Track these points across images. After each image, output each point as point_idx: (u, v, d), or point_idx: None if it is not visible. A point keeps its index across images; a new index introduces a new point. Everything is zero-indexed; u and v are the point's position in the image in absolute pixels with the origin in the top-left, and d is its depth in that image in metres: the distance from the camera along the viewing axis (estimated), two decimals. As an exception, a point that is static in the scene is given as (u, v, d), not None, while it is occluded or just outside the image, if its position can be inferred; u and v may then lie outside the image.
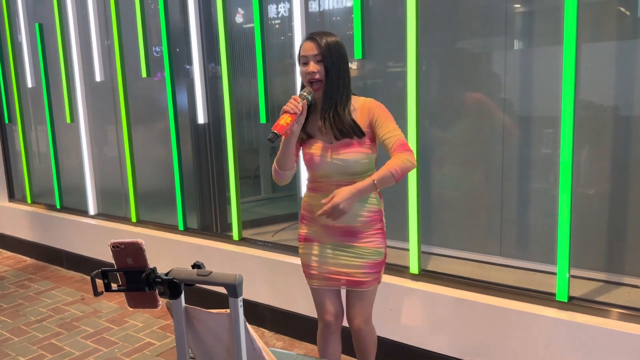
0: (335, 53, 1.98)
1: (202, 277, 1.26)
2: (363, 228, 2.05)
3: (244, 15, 4.18)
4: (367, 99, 2.05)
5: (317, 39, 1.97)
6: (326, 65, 1.96)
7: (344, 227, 2.04)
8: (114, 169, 4.62)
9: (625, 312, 2.25)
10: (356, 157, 1.98)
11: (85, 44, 4.51)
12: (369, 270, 2.06)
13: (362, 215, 2.04)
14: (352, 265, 2.05)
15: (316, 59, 1.97)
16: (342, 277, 2.07)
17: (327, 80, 1.98)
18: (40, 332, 3.51)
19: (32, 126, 5.44)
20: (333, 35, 2.01)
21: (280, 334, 3.30)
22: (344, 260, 2.06)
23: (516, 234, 2.92)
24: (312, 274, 2.13)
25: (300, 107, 1.91)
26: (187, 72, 3.99)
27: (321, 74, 1.97)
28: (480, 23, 2.95)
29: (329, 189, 1.99)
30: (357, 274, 2.06)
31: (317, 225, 2.09)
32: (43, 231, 5.02)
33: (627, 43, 2.57)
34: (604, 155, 2.64)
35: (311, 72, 1.97)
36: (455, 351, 2.60)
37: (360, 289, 2.08)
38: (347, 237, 2.05)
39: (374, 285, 2.11)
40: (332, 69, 1.97)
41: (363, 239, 2.05)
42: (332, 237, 2.07)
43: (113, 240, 1.27)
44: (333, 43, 1.98)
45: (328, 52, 1.96)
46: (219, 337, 1.35)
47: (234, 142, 3.53)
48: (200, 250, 3.66)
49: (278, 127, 1.86)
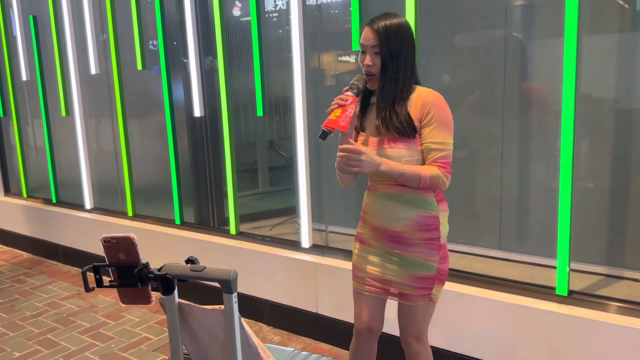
0: (396, 42, 1.73)
1: (195, 272, 1.23)
2: (412, 235, 1.81)
3: (241, 9, 4.14)
4: (424, 90, 1.80)
5: (375, 26, 1.74)
6: (383, 58, 1.74)
7: (391, 232, 1.83)
8: (110, 163, 4.59)
9: (626, 306, 2.24)
10: (400, 153, 1.75)
11: (80, 36, 4.46)
12: (414, 284, 1.83)
13: (409, 219, 1.80)
14: (399, 276, 1.84)
15: (374, 50, 1.75)
16: (387, 286, 1.88)
17: (382, 76, 1.76)
18: (36, 327, 3.48)
19: (28, 120, 5.40)
20: (396, 17, 1.77)
21: (278, 329, 3.28)
22: (390, 269, 1.86)
23: (515, 227, 2.90)
24: (359, 277, 1.95)
25: (347, 97, 1.73)
26: (183, 65, 3.95)
27: (377, 67, 1.76)
28: (480, 16, 2.91)
29: (378, 189, 1.84)
30: (403, 286, 1.84)
31: (367, 227, 1.92)
32: (39, 226, 4.99)
33: (626, 35, 2.54)
34: (605, 148, 2.62)
35: (367, 65, 1.77)
36: (454, 346, 2.58)
37: (407, 303, 1.87)
38: (394, 242, 1.84)
39: (424, 301, 1.86)
40: (390, 63, 1.74)
41: (411, 247, 1.81)
42: (380, 242, 1.88)
43: (104, 235, 1.24)
44: (392, 28, 1.73)
45: (385, 41, 1.73)
46: (214, 334, 1.32)
47: (231, 136, 3.50)
48: (197, 244, 3.64)
49: (326, 123, 1.69)
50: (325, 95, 3.62)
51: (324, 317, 3.04)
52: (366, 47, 1.77)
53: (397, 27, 1.75)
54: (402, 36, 1.75)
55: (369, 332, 1.98)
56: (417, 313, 1.88)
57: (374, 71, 1.77)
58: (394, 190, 1.82)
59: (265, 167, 4.73)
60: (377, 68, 1.76)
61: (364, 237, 1.95)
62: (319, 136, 1.69)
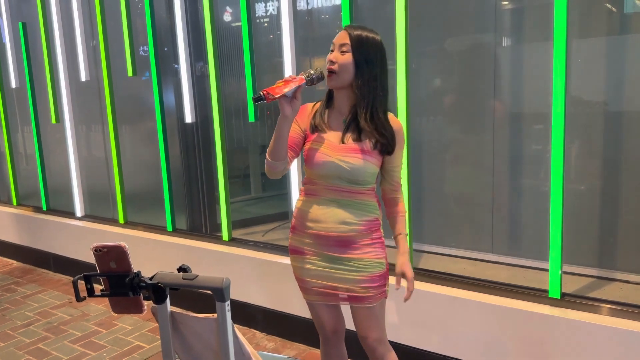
0: (371, 50, 1.77)
1: (187, 281, 1.22)
2: (358, 237, 1.84)
3: (232, 14, 4.13)
4: (392, 117, 1.88)
5: (350, 30, 1.79)
6: (357, 59, 1.76)
7: (337, 237, 1.83)
8: (101, 170, 4.56)
9: (618, 308, 2.25)
10: (364, 165, 1.80)
11: (70, 43, 4.44)
12: (370, 284, 1.85)
13: (357, 224, 1.84)
14: (351, 280, 1.85)
15: (341, 49, 1.77)
16: (340, 292, 1.88)
17: (357, 76, 1.77)
18: (27, 336, 3.44)
19: (18, 127, 5.35)
20: (373, 32, 1.81)
21: (271, 335, 3.26)
22: (340, 275, 1.86)
23: (508, 230, 2.91)
24: (306, 289, 1.94)
25: (297, 77, 1.71)
26: (174, 71, 3.94)
27: (340, 68, 1.76)
28: (469, 20, 2.93)
29: (323, 194, 1.84)
30: (357, 289, 1.86)
31: (307, 235, 1.89)
32: (29, 234, 4.94)
33: (614, 39, 2.56)
34: (595, 151, 2.63)
35: (329, 60, 1.78)
36: (448, 349, 2.58)
37: (364, 305, 1.88)
38: (342, 247, 1.84)
39: (380, 299, 1.90)
40: (366, 66, 1.76)
41: (359, 249, 1.85)
42: (324, 249, 1.86)
43: (95, 244, 1.23)
44: (368, 38, 1.77)
45: (359, 45, 1.76)
46: (207, 342, 1.31)
47: (222, 141, 3.49)
48: (189, 251, 3.62)
49: (266, 89, 1.65)
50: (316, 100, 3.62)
51: (318, 323, 3.03)
52: (335, 46, 1.80)
53: (372, 40, 1.79)
54: (376, 50, 1.79)
55: (335, 334, 2.03)
56: (376, 313, 1.90)
57: (335, 68, 1.77)
58: (343, 197, 1.84)
59: (258, 172, 4.72)
60: (339, 66, 1.76)
61: (300, 247, 1.92)
62: (253, 97, 1.67)
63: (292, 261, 1.97)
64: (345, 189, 1.83)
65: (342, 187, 1.83)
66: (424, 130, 3.10)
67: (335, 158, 1.81)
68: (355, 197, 1.84)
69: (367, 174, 1.82)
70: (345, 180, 1.82)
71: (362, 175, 1.81)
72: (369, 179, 1.84)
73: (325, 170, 1.82)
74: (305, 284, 1.94)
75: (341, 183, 1.83)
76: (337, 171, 1.81)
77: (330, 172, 1.82)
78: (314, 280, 1.91)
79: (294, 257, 1.96)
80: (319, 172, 1.84)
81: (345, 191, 1.83)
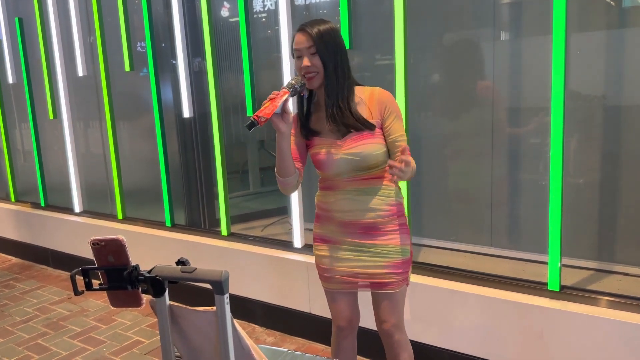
0: (331, 42, 1.81)
1: (186, 274, 1.21)
2: (383, 223, 1.87)
3: (229, 9, 4.12)
4: (374, 89, 1.89)
5: (308, 29, 1.81)
6: (322, 57, 1.80)
7: (362, 224, 1.87)
8: (99, 166, 4.55)
9: (617, 300, 2.25)
10: (371, 148, 1.82)
11: (67, 38, 4.42)
12: (393, 270, 1.88)
13: (381, 209, 1.86)
14: (375, 266, 1.88)
15: (310, 51, 1.80)
16: (362, 279, 1.91)
17: (325, 74, 1.82)
18: (26, 332, 3.45)
19: (16, 123, 5.34)
20: (326, 22, 1.84)
21: (271, 329, 3.27)
22: (364, 261, 1.89)
23: (507, 224, 2.91)
24: (326, 277, 1.97)
25: (279, 92, 1.73)
26: (172, 66, 3.93)
27: (317, 67, 1.81)
28: (468, 14, 2.92)
29: (343, 186, 1.87)
30: (381, 274, 1.88)
31: (333, 223, 1.92)
32: (28, 230, 4.93)
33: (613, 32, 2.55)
34: (594, 144, 2.63)
35: (305, 67, 1.81)
36: (447, 343, 2.58)
37: (386, 290, 1.90)
38: (366, 234, 1.88)
39: (402, 286, 1.92)
40: (329, 61, 1.81)
41: (383, 235, 1.88)
42: (349, 236, 1.90)
43: (93, 237, 1.22)
44: (326, 31, 1.81)
45: (322, 43, 1.80)
46: (206, 336, 1.31)
47: (220, 137, 3.48)
48: (188, 246, 3.62)
49: (255, 114, 1.67)
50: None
51: (317, 317, 3.04)
52: (302, 51, 1.82)
53: (329, 29, 1.82)
54: (334, 37, 1.83)
55: (350, 325, 2.03)
56: (397, 299, 1.93)
57: (313, 70, 1.81)
58: (362, 185, 1.87)
59: (256, 167, 4.72)
60: (317, 67, 1.81)
61: (326, 235, 1.96)
62: (245, 125, 1.68)
63: (316, 250, 2.01)
64: (363, 176, 1.86)
65: (360, 175, 1.86)
66: (422, 125, 3.10)
67: (342, 154, 1.84)
68: (376, 183, 1.87)
69: (378, 154, 1.83)
70: (360, 169, 1.85)
71: (375, 158, 1.83)
72: (382, 158, 1.85)
73: (339, 169, 1.86)
74: (328, 272, 1.96)
75: (358, 173, 1.86)
76: (350, 165, 1.84)
77: (344, 168, 1.85)
78: (337, 268, 1.94)
79: (318, 246, 2.00)
80: (333, 171, 1.88)
81: (365, 179, 1.86)
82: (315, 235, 2.01)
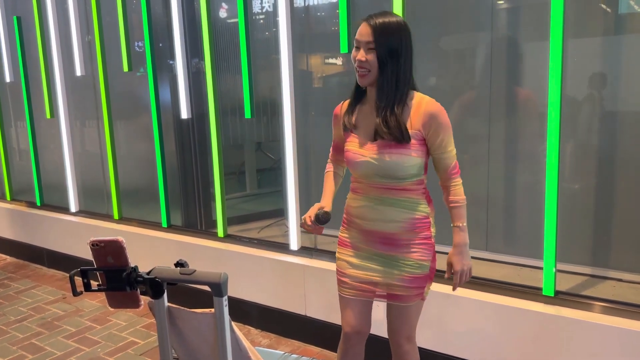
0: (394, 43, 1.67)
1: (185, 276, 1.22)
2: (404, 235, 1.81)
3: (228, 10, 4.12)
4: (424, 98, 1.76)
5: (372, 22, 1.68)
6: (380, 57, 1.68)
7: (383, 234, 1.82)
8: (96, 165, 4.55)
9: (611, 306, 2.26)
10: (399, 159, 1.73)
11: (66, 37, 4.41)
12: (407, 284, 1.82)
13: (403, 220, 1.80)
14: (390, 277, 1.83)
15: (368, 46, 1.68)
16: (377, 289, 1.88)
17: (380, 75, 1.71)
18: (20, 332, 3.43)
19: (12, 122, 5.32)
20: (395, 16, 1.71)
21: (266, 332, 3.27)
22: (381, 271, 1.85)
23: (502, 228, 2.93)
24: (343, 281, 1.92)
25: (310, 227, 1.88)
26: (170, 67, 3.93)
27: (372, 65, 1.69)
28: (466, 19, 2.93)
29: (367, 191, 1.83)
30: (395, 286, 1.84)
31: (354, 230, 1.89)
32: (23, 229, 4.92)
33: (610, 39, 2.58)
34: (590, 150, 2.65)
35: (359, 61, 1.70)
36: (440, 346, 2.59)
37: (399, 303, 1.86)
38: (387, 245, 1.83)
39: (416, 301, 1.86)
40: (387, 63, 1.68)
41: (402, 247, 1.82)
42: (369, 244, 1.86)
43: (92, 238, 1.23)
44: (390, 25, 1.67)
45: (382, 38, 1.66)
46: (204, 337, 1.31)
47: (218, 138, 3.48)
48: (184, 247, 3.61)
49: None
50: (313, 97, 3.63)
51: (313, 320, 3.04)
52: (360, 43, 1.71)
53: (396, 26, 1.70)
54: (400, 36, 1.70)
55: (358, 335, 1.97)
56: (409, 313, 1.88)
57: (366, 66, 1.71)
58: (388, 194, 1.81)
59: (253, 169, 4.72)
60: (370, 64, 1.70)
61: (350, 240, 1.92)
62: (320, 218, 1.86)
63: (338, 254, 1.97)
64: (387, 185, 1.79)
65: (384, 184, 1.79)
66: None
67: (368, 157, 1.78)
68: (399, 195, 1.80)
69: (406, 167, 1.74)
70: (384, 177, 1.78)
71: (401, 170, 1.75)
72: (411, 172, 1.77)
73: (363, 170, 1.81)
74: (346, 277, 1.92)
75: (381, 180, 1.79)
76: (372, 169, 1.78)
77: (367, 170, 1.80)
78: (355, 274, 1.90)
79: (341, 250, 1.96)
80: (358, 171, 1.84)
81: (388, 188, 1.79)
82: (340, 238, 1.97)
